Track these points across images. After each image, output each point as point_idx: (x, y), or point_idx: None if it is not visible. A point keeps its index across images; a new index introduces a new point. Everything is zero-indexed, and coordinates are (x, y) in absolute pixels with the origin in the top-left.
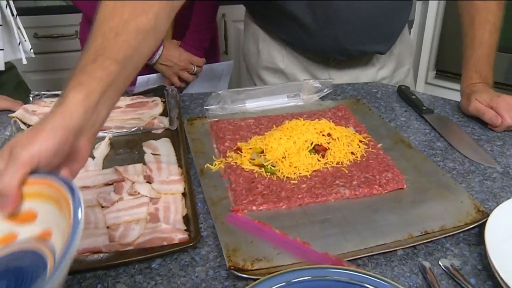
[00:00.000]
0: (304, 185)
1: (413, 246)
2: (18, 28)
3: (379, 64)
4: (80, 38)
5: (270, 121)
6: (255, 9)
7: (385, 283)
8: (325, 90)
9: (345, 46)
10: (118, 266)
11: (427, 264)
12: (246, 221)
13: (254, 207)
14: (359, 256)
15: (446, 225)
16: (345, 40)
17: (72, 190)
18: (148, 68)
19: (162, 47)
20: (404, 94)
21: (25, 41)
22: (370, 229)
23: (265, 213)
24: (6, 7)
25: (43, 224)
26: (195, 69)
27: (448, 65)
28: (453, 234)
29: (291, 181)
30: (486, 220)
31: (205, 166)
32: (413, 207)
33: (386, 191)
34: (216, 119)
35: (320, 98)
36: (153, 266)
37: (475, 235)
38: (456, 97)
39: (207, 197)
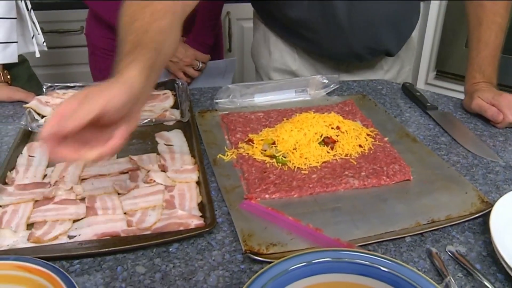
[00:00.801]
0: (314, 175)
1: (421, 233)
2: (32, 21)
3: (386, 66)
4: (86, 34)
5: (280, 114)
6: (263, 12)
7: (400, 266)
8: (331, 86)
9: (357, 49)
10: (136, 250)
11: (434, 250)
12: (259, 208)
13: (267, 195)
14: (368, 242)
15: (452, 214)
16: (357, 42)
17: None
18: None
19: None
20: (409, 91)
21: (38, 34)
22: (379, 217)
23: (278, 201)
24: (21, 0)
25: None
26: (200, 65)
27: (449, 66)
28: (458, 223)
29: (302, 172)
30: (490, 210)
31: (218, 157)
32: (419, 197)
33: (393, 182)
34: (227, 112)
35: (327, 93)
36: (170, 250)
37: (479, 224)
38: (457, 97)
39: (220, 185)
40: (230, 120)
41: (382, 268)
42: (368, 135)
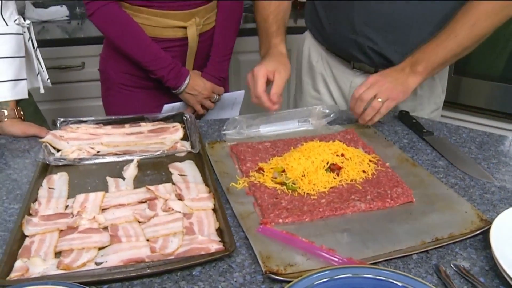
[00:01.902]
0: (323, 200)
1: (426, 251)
2: (38, 59)
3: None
4: (101, 70)
5: (285, 144)
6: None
7: (413, 280)
8: (332, 115)
9: (359, 40)
10: (162, 274)
11: (441, 266)
12: (275, 232)
13: (280, 220)
14: (379, 260)
15: (454, 232)
16: (360, 32)
17: None
18: (172, 97)
19: (188, 77)
20: (405, 119)
21: (43, 71)
22: (387, 237)
23: (291, 225)
24: (29, 40)
25: None
26: (216, 97)
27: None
28: (460, 240)
29: (311, 197)
30: (489, 227)
31: (231, 185)
32: (423, 217)
33: (397, 204)
34: (235, 143)
35: (328, 123)
36: (194, 273)
37: (480, 241)
38: (452, 122)
39: (236, 212)
40: (239, 150)
41: (396, 283)
42: (370, 161)
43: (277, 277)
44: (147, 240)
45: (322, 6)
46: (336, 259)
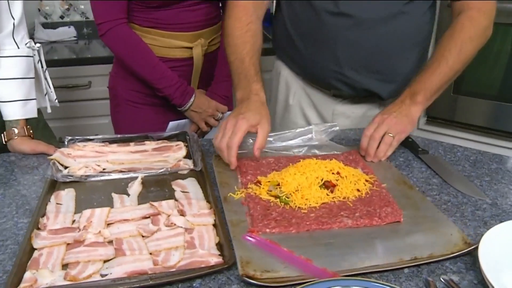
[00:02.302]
0: (312, 214)
1: (418, 265)
2: (46, 80)
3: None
4: (111, 88)
5: (288, 160)
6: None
7: None
8: (330, 130)
9: (346, 73)
10: (164, 285)
11: (430, 279)
12: (259, 240)
13: (267, 230)
14: (353, 273)
15: (434, 253)
16: (346, 66)
17: None
18: (177, 114)
19: (194, 95)
20: None
21: (51, 92)
22: (366, 252)
23: (277, 235)
24: (38, 62)
25: None
26: (220, 115)
27: (438, 111)
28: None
29: (302, 211)
30: (473, 249)
31: (229, 195)
32: (407, 237)
33: (384, 223)
34: (241, 157)
35: (335, 142)
36: (194, 285)
37: (470, 256)
38: (447, 140)
39: (228, 219)
40: (243, 164)
41: None
42: (367, 181)
43: (252, 281)
44: (150, 254)
45: (301, 39)
46: (311, 269)
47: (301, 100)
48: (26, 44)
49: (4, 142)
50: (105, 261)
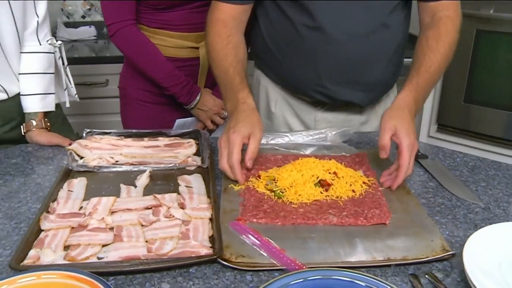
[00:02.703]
0: (301, 210)
1: (402, 264)
2: (67, 75)
3: (362, 118)
4: (121, 87)
5: (295, 158)
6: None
7: (382, 284)
8: (345, 133)
9: (326, 84)
10: (160, 270)
11: (415, 275)
12: (243, 228)
13: (254, 220)
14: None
15: (408, 256)
16: (326, 77)
17: None
18: (184, 112)
19: (200, 94)
20: None
21: (71, 87)
22: (343, 249)
23: (263, 226)
24: (59, 58)
25: None
26: (225, 114)
27: (449, 119)
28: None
29: (292, 205)
30: (453, 254)
31: (229, 186)
32: (387, 239)
33: (369, 224)
34: None
35: (345, 142)
36: (191, 271)
37: (457, 256)
38: (455, 148)
39: (221, 207)
40: None
41: (359, 283)
42: (364, 183)
43: (225, 263)
44: (146, 241)
45: (279, 50)
46: (282, 258)
47: (283, 109)
48: (48, 41)
49: (23, 133)
50: (103, 246)
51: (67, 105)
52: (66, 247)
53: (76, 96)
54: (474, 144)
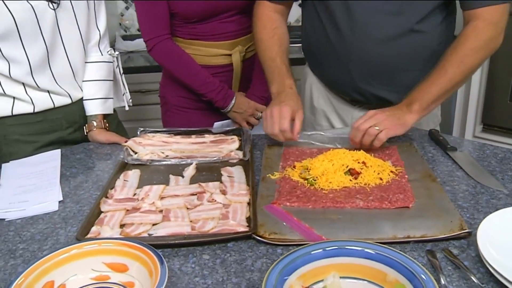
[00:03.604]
0: (331, 195)
1: (421, 240)
2: (123, 83)
3: None
4: (161, 96)
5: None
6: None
7: (390, 250)
8: None
9: (358, 84)
10: (202, 244)
11: (432, 250)
12: (277, 210)
13: (288, 203)
14: (379, 242)
15: (427, 234)
16: (358, 78)
17: (162, 263)
18: (221, 115)
19: (234, 97)
20: (434, 136)
21: (127, 93)
22: (367, 228)
23: (296, 209)
24: (117, 67)
25: (130, 277)
26: (259, 114)
27: (494, 119)
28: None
29: (323, 191)
30: (470, 232)
31: (267, 175)
32: (408, 220)
33: (393, 207)
34: (289, 145)
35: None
36: (228, 245)
37: (474, 236)
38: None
39: (259, 193)
40: (288, 152)
41: (368, 251)
42: (392, 172)
43: (260, 238)
44: (190, 221)
45: (319, 51)
46: (310, 235)
47: (324, 105)
48: (108, 51)
49: (85, 133)
50: (153, 225)
51: (127, 108)
52: (122, 226)
53: (131, 101)
54: None
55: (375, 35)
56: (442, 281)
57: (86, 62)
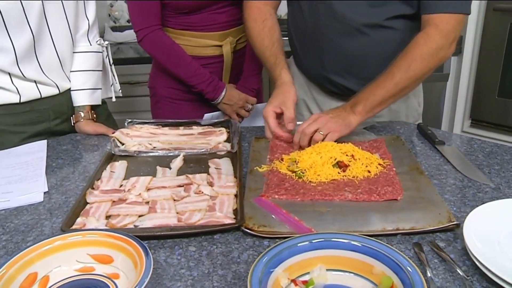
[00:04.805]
0: (320, 187)
1: (410, 232)
2: (112, 73)
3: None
4: (151, 87)
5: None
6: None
7: (376, 242)
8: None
9: (331, 77)
10: (189, 236)
11: (418, 243)
12: (266, 202)
13: (276, 196)
14: (368, 234)
15: (416, 226)
16: (331, 70)
17: (147, 254)
18: (211, 107)
19: (225, 89)
20: (422, 130)
21: (116, 83)
22: (356, 220)
23: (284, 201)
24: (106, 57)
25: (115, 269)
26: (250, 106)
27: (483, 115)
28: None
29: (311, 184)
30: (458, 224)
31: (255, 168)
32: (397, 212)
33: (382, 200)
34: (278, 139)
35: (365, 128)
36: (215, 237)
37: (461, 228)
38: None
39: (247, 185)
40: (275, 145)
41: (355, 243)
42: (380, 164)
43: (249, 231)
44: (177, 213)
45: (297, 40)
46: (299, 227)
47: (305, 94)
48: (97, 41)
49: (72, 124)
50: (139, 216)
51: (113, 99)
52: (108, 217)
53: (120, 91)
54: (509, 138)
55: (347, 26)
56: (428, 274)
57: (74, 52)
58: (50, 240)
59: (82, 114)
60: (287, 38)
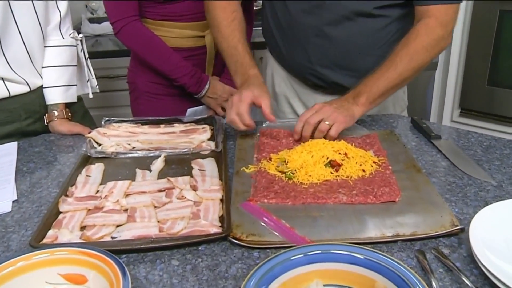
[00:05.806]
0: (312, 190)
1: (411, 239)
2: (88, 68)
3: None
4: (130, 82)
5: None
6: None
7: (381, 255)
8: None
9: (317, 69)
10: (171, 248)
11: (421, 251)
12: (254, 208)
13: (265, 200)
14: (366, 242)
15: (417, 232)
16: (317, 62)
17: (124, 273)
18: (194, 101)
19: (208, 82)
20: (416, 124)
21: (93, 78)
22: (353, 226)
23: (274, 206)
24: (81, 51)
25: None
26: None
27: (472, 103)
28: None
29: (303, 186)
30: (462, 229)
31: (241, 169)
32: (396, 216)
33: (379, 202)
34: (264, 136)
35: (357, 123)
36: (200, 248)
37: (465, 232)
38: (486, 133)
39: (233, 188)
40: (262, 143)
41: (357, 256)
42: (374, 162)
43: (237, 241)
44: (158, 222)
45: (279, 33)
46: (291, 236)
47: (286, 90)
48: (70, 34)
49: (45, 123)
50: (117, 226)
51: (90, 96)
52: (83, 228)
53: (97, 87)
54: (499, 127)
55: (334, 15)
56: (434, 286)
57: (45, 47)
58: (11, 261)
59: (56, 113)
60: (259, 28)
